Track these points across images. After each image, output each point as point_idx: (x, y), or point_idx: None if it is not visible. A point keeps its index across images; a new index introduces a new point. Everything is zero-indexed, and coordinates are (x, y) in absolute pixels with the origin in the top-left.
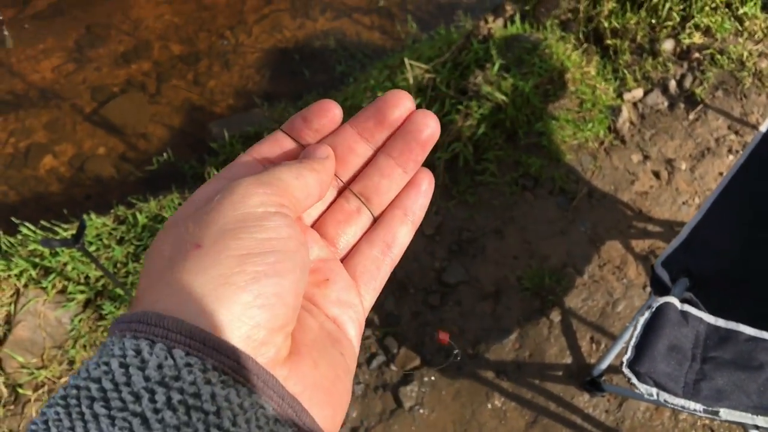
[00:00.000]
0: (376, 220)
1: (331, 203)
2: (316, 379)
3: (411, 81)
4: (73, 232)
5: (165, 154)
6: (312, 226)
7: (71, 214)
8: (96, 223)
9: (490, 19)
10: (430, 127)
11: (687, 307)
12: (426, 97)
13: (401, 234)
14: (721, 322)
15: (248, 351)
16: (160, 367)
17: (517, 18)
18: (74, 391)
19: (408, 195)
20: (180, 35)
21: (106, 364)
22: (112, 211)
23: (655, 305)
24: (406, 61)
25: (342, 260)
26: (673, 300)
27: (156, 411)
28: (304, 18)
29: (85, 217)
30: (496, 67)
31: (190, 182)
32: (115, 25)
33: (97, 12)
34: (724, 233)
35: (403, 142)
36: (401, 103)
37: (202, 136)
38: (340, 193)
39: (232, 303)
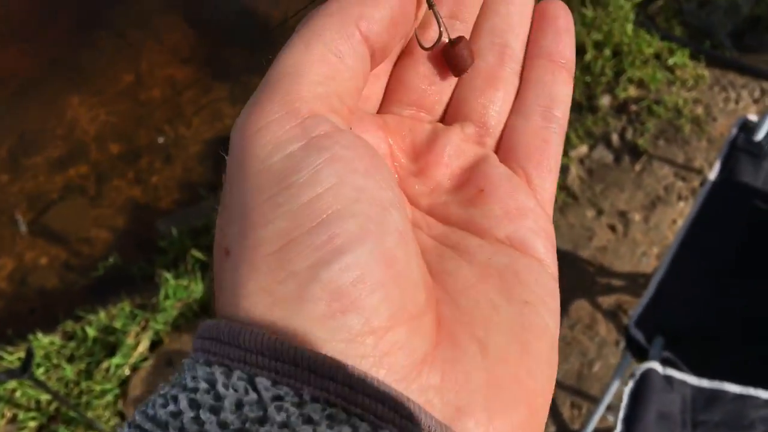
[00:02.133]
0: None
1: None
2: (489, 372)
3: None
4: (20, 355)
5: (111, 258)
6: (422, 101)
7: (16, 334)
8: (43, 342)
9: None
10: None
11: (669, 371)
12: None
13: (558, 87)
14: (705, 383)
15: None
16: (239, 406)
17: None
18: None
19: (545, 35)
20: (117, 134)
21: (175, 400)
22: (59, 326)
23: (638, 373)
24: None
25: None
26: (655, 365)
27: None
28: (243, 104)
29: (31, 337)
30: None
31: (141, 285)
32: (49, 130)
33: (29, 119)
34: (691, 285)
35: None
36: None
37: (148, 236)
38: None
39: (308, 305)
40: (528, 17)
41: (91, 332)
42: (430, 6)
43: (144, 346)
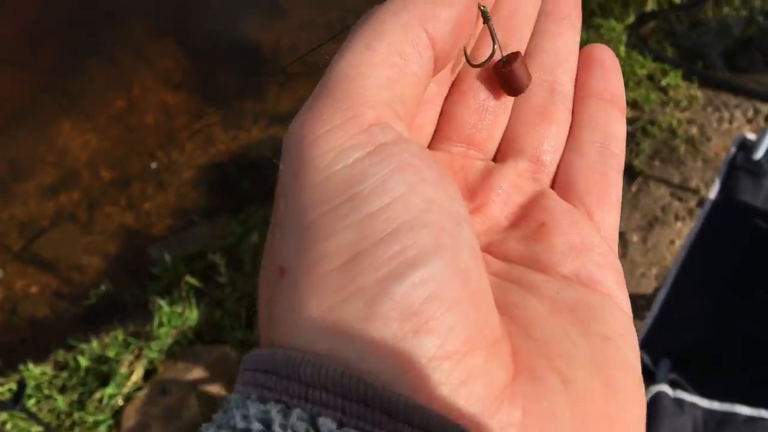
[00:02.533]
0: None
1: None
2: (575, 409)
3: None
4: (11, 386)
5: (103, 286)
6: (474, 137)
7: (7, 364)
8: (34, 372)
9: None
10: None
11: (679, 393)
12: None
13: (613, 124)
14: (716, 405)
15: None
16: None
17: None
18: None
19: (593, 75)
20: (109, 160)
21: None
22: (51, 356)
23: (648, 396)
24: None
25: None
26: (664, 387)
27: None
28: (236, 129)
29: (22, 367)
30: None
31: (134, 313)
32: (40, 157)
33: (20, 145)
34: (694, 306)
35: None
36: None
37: (141, 262)
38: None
39: (377, 324)
40: (575, 54)
41: (83, 362)
42: (486, 20)
43: (138, 375)
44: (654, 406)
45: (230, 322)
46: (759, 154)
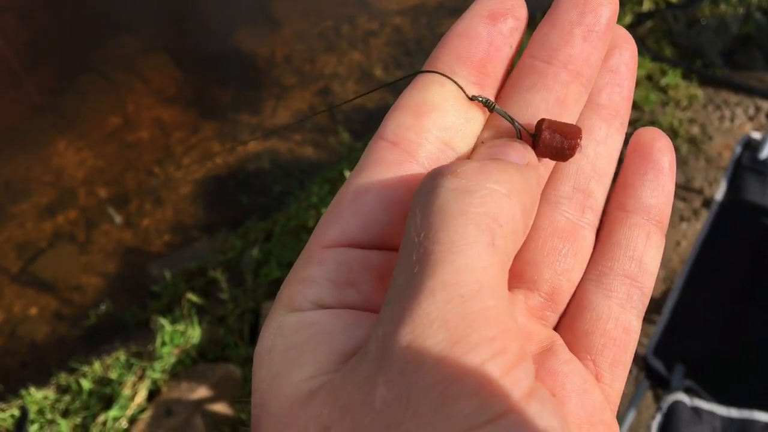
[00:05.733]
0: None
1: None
2: None
3: None
4: (13, 412)
5: (103, 306)
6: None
7: (8, 389)
8: (36, 397)
9: None
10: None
11: (696, 402)
12: None
13: (651, 254)
14: (734, 412)
15: None
16: None
17: None
18: None
19: (642, 181)
20: (106, 178)
21: None
22: (52, 380)
23: (665, 406)
24: (346, 173)
25: (555, 328)
26: (681, 396)
27: None
28: (233, 142)
29: (23, 392)
30: None
31: (135, 332)
32: (35, 177)
33: (15, 166)
34: (705, 311)
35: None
36: None
37: (141, 280)
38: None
39: None
40: (614, 164)
41: (85, 384)
42: (491, 108)
43: (141, 396)
44: (671, 416)
45: (233, 339)
46: (765, 153)
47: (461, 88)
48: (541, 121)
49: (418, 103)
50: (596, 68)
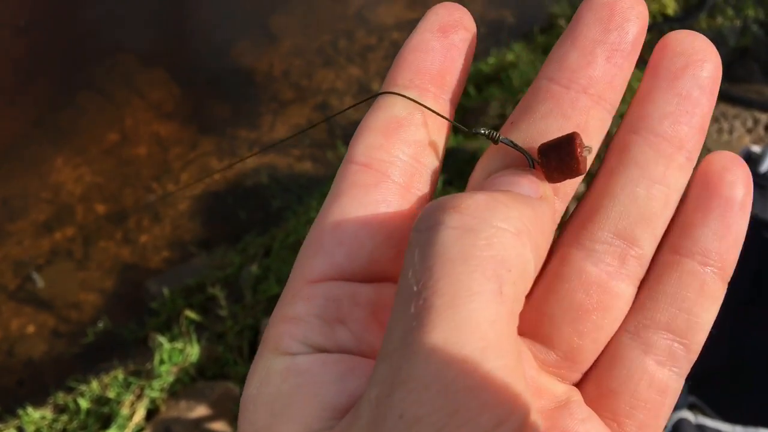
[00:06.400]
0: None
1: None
2: None
3: None
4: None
5: (101, 323)
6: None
7: (4, 408)
8: (33, 417)
9: None
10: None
11: (701, 419)
12: None
13: (704, 309)
14: (739, 430)
15: None
16: None
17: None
18: None
19: (706, 221)
20: (103, 194)
21: None
22: (50, 399)
23: (669, 423)
24: None
25: (579, 382)
26: (685, 414)
27: None
28: (231, 158)
29: (20, 411)
30: (440, 182)
31: (133, 350)
32: (33, 194)
33: (12, 184)
34: None
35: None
36: None
37: (139, 297)
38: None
39: None
40: (673, 209)
41: (83, 404)
42: (495, 141)
43: (140, 415)
44: None
45: (233, 356)
46: (765, 167)
47: (460, 126)
48: (542, 149)
49: (385, 122)
50: (621, 91)
